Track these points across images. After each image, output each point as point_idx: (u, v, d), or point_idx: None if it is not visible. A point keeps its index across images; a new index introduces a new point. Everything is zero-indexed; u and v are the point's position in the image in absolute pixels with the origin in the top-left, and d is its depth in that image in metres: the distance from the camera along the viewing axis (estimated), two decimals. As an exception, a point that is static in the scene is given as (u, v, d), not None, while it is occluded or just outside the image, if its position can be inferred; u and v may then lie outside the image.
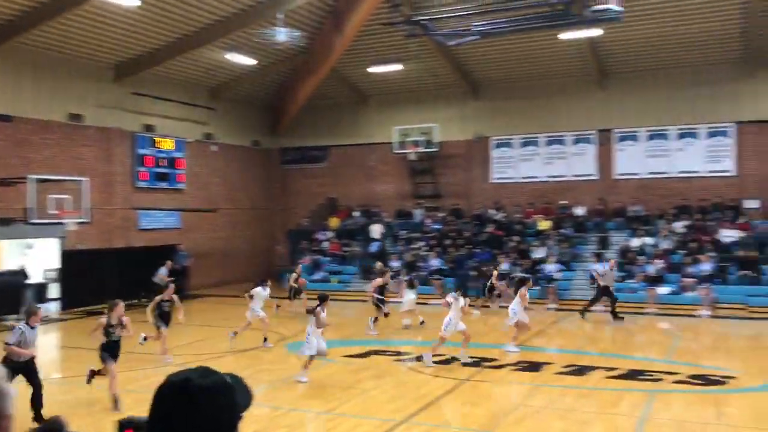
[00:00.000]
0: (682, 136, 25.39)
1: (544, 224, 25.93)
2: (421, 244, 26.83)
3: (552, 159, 27.38)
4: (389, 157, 29.50)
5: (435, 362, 13.21)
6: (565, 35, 22.31)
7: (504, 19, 19.65)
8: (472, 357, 13.66)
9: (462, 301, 13.77)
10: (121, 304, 10.88)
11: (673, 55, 24.44)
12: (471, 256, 24.92)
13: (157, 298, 14.39)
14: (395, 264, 25.57)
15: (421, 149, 28.31)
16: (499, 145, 28.23)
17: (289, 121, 30.67)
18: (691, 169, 25.30)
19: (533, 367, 13.29)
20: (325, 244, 28.72)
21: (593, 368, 12.93)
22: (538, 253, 24.41)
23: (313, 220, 30.61)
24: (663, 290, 21.04)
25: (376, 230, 28.20)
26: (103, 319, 10.66)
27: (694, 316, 19.47)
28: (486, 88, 28.30)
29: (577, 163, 26.95)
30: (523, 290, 15.29)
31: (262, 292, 16.03)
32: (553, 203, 26.86)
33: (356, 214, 29.96)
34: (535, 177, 27.63)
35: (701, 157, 25.15)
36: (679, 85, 25.18)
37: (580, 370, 12.87)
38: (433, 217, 28.32)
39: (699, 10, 21.76)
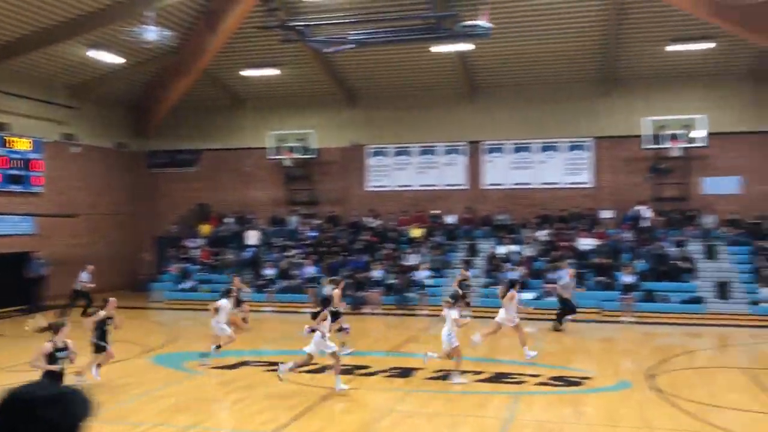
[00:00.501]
0: (544, 149, 26.82)
1: (416, 232, 26.50)
2: (296, 251, 26.61)
3: (425, 168, 28.06)
4: (264, 163, 29.08)
5: (308, 371, 13.09)
6: (437, 48, 22.98)
7: (379, 30, 19.93)
8: (344, 365, 13.63)
9: (455, 311, 13.15)
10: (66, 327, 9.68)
11: (538, 71, 25.78)
12: (345, 264, 25.02)
13: (102, 313, 12.66)
14: (269, 272, 25.22)
15: (297, 155, 28.14)
16: (374, 154, 28.57)
17: (158, 123, 29.48)
18: (552, 180, 26.76)
19: (405, 372, 13.51)
20: (195, 252, 27.81)
21: (462, 372, 13.28)
22: (411, 260, 24.90)
23: (183, 227, 29.57)
24: (527, 296, 22.05)
25: (252, 236, 27.67)
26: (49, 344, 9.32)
27: (554, 320, 20.60)
28: (362, 97, 28.58)
29: (448, 173, 27.77)
30: (512, 292, 15.25)
31: (227, 305, 14.90)
32: (425, 211, 27.51)
33: (229, 220, 29.25)
34: (409, 186, 28.19)
35: (562, 169, 26.67)
36: (542, 100, 26.59)
37: (450, 375, 13.19)
38: (309, 224, 28.18)
39: (561, 31, 23.09)
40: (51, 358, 9.02)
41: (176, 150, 30.65)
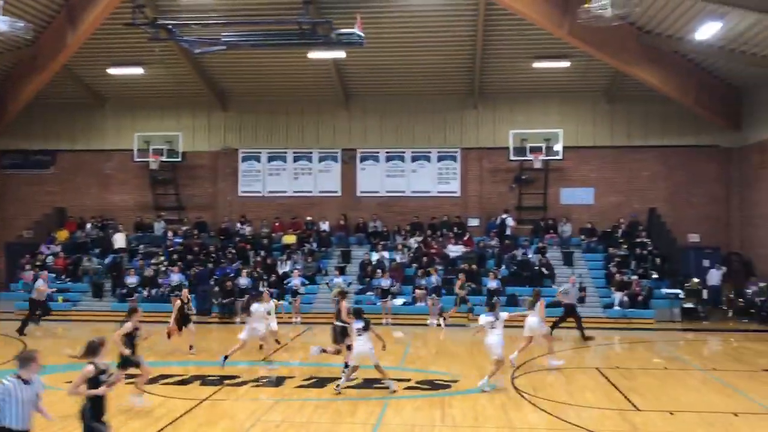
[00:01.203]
0: (416, 158, 27.44)
1: (290, 239, 26.23)
2: (162, 258, 25.54)
3: (299, 175, 27.87)
4: (129, 166, 27.76)
5: (173, 383, 12.53)
6: (314, 54, 22.92)
7: (252, 33, 19.57)
8: (212, 376, 13.20)
9: (502, 315, 13.03)
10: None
11: (410, 82, 26.35)
12: (215, 271, 24.31)
13: (128, 325, 11.45)
14: (132, 280, 24.00)
15: (164, 158, 27.05)
16: (246, 158, 28.02)
17: (10, 121, 27.26)
18: (424, 189, 27.41)
19: (275, 381, 13.25)
20: (51, 259, 26.00)
21: (333, 380, 13.22)
22: (284, 267, 24.59)
23: (37, 232, 27.60)
24: (397, 301, 22.41)
25: (119, 239, 26.24)
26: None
27: (424, 324, 21.10)
28: (234, 100, 27.97)
29: (323, 179, 27.74)
30: (541, 300, 15.24)
31: (259, 308, 15.19)
32: (299, 218, 27.29)
33: (89, 226, 27.62)
34: (283, 192, 27.88)
35: (433, 178, 27.39)
36: (414, 110, 27.22)
37: (321, 383, 13.11)
38: (176, 230, 27.14)
39: (431, 45, 23.76)
40: (94, 381, 7.85)
41: (30, 150, 28.61)
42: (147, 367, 11.75)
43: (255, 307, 15.22)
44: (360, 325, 12.24)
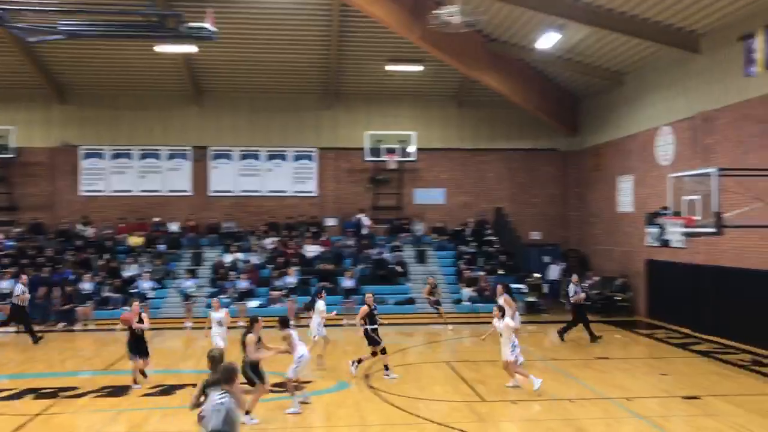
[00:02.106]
0: (272, 157, 27.06)
1: (136, 241, 24.97)
2: (-8, 263, 23.41)
3: (146, 173, 26.58)
4: (-49, 162, 25.20)
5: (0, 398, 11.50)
6: (161, 48, 21.94)
7: (95, 22, 18.38)
8: (47, 388, 12.25)
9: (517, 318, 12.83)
10: None
11: (265, 80, 25.96)
12: (51, 277, 22.61)
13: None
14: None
15: (-6, 155, 24.82)
16: (88, 156, 26.32)
17: None
18: (280, 188, 27.10)
19: (118, 391, 12.54)
20: None
21: (182, 386, 12.73)
22: (131, 270, 23.37)
23: None
24: (253, 303, 21.97)
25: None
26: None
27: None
28: (75, 93, 26.18)
29: (172, 178, 26.64)
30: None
31: (321, 307, 15.18)
32: (146, 219, 26.03)
33: None
34: (129, 191, 26.48)
35: (289, 178, 27.14)
36: (270, 108, 26.84)
37: (169, 390, 12.57)
38: (8, 232, 24.98)
39: (286, 43, 23.51)
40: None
41: None
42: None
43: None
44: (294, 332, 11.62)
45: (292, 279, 22.74)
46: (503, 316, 12.63)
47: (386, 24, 21.73)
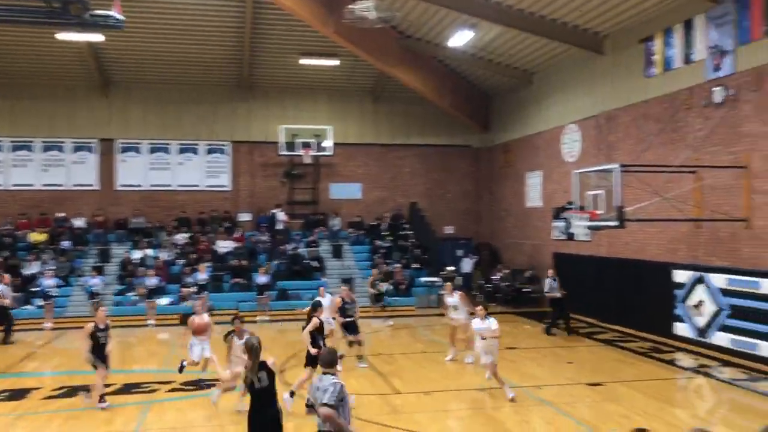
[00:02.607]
0: (183, 150, 26.37)
1: (38, 237, 23.80)
2: None
3: (49, 166, 25.36)
4: None
5: None
6: (63, 36, 20.93)
7: (-11, 6, 17.35)
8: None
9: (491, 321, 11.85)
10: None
11: (176, 71, 25.23)
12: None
13: (90, 325, 11.07)
14: None
15: None
16: (-15, 148, 24.88)
17: None
18: (191, 183, 26.44)
19: (18, 394, 11.95)
20: None
21: (87, 388, 12.25)
22: (32, 268, 22.25)
23: None
24: (162, 301, 21.39)
25: None
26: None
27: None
28: (-31, 81, 24.69)
29: (77, 172, 25.54)
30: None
31: (449, 299, 15.04)
32: (49, 214, 24.85)
33: None
34: (30, 185, 25.19)
35: (201, 172, 26.53)
36: (181, 101, 26.12)
37: (73, 392, 12.08)
38: None
39: (198, 34, 22.92)
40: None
41: None
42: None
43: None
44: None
45: (203, 275, 22.23)
46: (486, 316, 12.00)
47: (300, 17, 21.54)
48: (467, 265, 26.57)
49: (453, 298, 14.92)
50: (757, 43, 14.18)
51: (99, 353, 11.07)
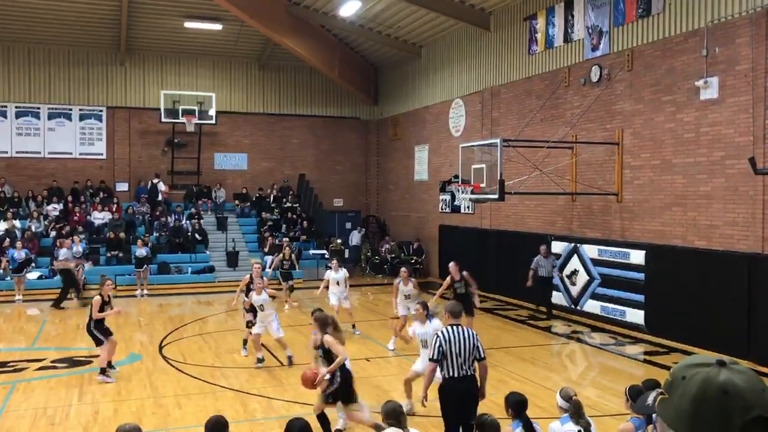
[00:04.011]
0: (54, 115, 24.66)
1: None
2: None
3: None
4: None
5: None
6: None
7: None
8: None
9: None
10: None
11: (47, 29, 23.40)
12: None
13: (97, 297, 10.76)
14: None
15: None
16: None
17: None
18: (64, 150, 24.83)
19: None
20: None
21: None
22: None
23: None
24: (32, 276, 20.06)
25: None
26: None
27: (69, 299, 19.23)
28: None
29: (-69, 135, 23.33)
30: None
31: (332, 275, 14.43)
32: None
33: None
34: None
35: (74, 138, 24.94)
36: (52, 62, 24.37)
37: (-75, 373, 11.11)
38: None
39: (71, -11, 21.39)
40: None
41: None
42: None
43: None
44: None
45: (77, 248, 21.01)
46: (429, 318, 8.97)
47: (184, -22, 20.55)
48: (355, 237, 26.67)
49: (408, 287, 13.02)
50: (631, 25, 14.91)
51: (102, 326, 10.87)
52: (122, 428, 4.84)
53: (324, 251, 23.70)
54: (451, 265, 13.03)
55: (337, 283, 14.53)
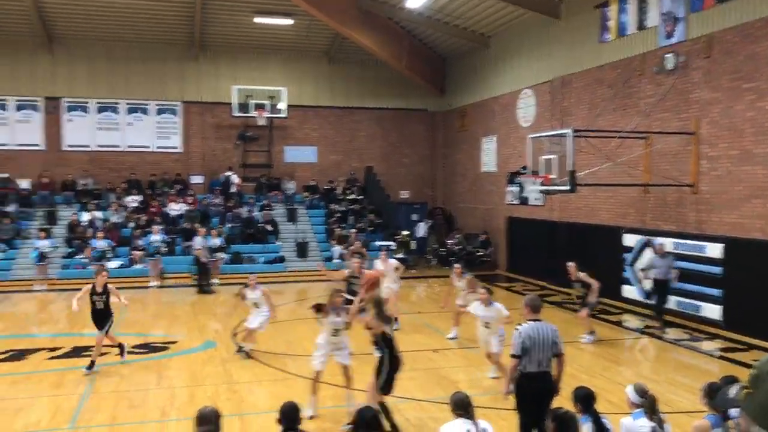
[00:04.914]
0: (132, 110, 25.64)
1: (-19, 198, 23.00)
2: None
3: (-9, 125, 24.42)
4: None
5: None
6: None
7: None
8: None
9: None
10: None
11: (125, 28, 24.36)
12: None
13: (87, 287, 11.10)
14: None
15: None
16: None
17: None
18: (141, 143, 25.80)
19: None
20: None
21: (34, 351, 12.03)
22: (-27, 230, 21.56)
23: None
24: (113, 264, 20.96)
25: None
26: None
27: (144, 287, 20.05)
28: None
29: (21, 131, 24.64)
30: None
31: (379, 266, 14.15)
32: (-8, 175, 24.02)
33: None
34: (-30, 145, 24.26)
35: (151, 132, 25.88)
36: (131, 59, 25.31)
37: (19, 355, 11.82)
38: None
39: (148, -12, 22.16)
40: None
41: None
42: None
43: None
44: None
45: (156, 238, 21.86)
46: (490, 302, 10.16)
47: (255, -26, 20.97)
48: (422, 229, 26.72)
49: (460, 283, 13.28)
50: (709, 11, 14.37)
51: (94, 317, 11.20)
52: (202, 410, 5.08)
53: (390, 242, 23.84)
54: (570, 264, 13.29)
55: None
